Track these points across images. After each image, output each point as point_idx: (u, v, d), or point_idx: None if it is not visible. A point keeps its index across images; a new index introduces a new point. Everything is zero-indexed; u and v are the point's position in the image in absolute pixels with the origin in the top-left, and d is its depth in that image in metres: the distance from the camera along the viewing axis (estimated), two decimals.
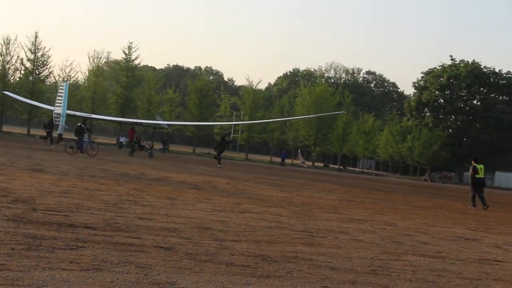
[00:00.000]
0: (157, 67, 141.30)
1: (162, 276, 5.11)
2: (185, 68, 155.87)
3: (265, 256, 6.54)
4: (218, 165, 33.62)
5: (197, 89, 67.04)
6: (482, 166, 21.48)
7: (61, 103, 29.14)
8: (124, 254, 5.85)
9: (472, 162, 21.73)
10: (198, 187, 15.81)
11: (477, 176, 21.15)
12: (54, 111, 30.13)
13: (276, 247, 7.31)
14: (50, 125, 35.70)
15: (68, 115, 31.21)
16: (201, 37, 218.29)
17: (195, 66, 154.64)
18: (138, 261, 5.58)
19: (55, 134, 34.84)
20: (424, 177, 77.19)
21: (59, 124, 29.84)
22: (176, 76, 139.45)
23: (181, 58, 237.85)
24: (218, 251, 6.54)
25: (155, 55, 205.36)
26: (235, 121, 71.54)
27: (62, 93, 29.80)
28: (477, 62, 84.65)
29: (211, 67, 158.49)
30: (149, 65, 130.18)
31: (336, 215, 12.22)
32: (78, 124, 30.32)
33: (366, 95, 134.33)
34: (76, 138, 29.03)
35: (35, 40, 58.59)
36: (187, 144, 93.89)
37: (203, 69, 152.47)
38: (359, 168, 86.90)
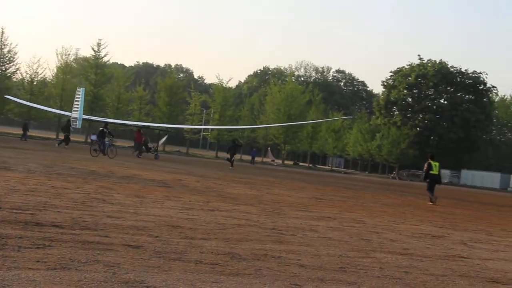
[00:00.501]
0: (127, 65, 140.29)
1: (131, 274, 5.07)
2: (155, 65, 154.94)
3: (234, 254, 6.53)
4: (231, 167, 34.81)
5: (167, 86, 66.61)
6: (437, 163, 22.26)
7: (78, 107, 31.73)
8: (92, 252, 5.79)
9: (428, 158, 22.53)
10: (168, 185, 15.73)
11: (431, 172, 21.91)
12: (72, 116, 32.46)
13: (246, 245, 7.31)
14: (67, 129, 37.56)
15: (84, 119, 34.11)
16: (171, 35, 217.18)
17: (165, 64, 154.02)
18: (106, 260, 5.53)
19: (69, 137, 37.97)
20: (392, 175, 77.98)
21: (76, 127, 33.34)
22: (146, 73, 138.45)
23: (151, 55, 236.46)
24: (187, 249, 6.51)
25: (124, 53, 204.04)
26: (204, 119, 71.41)
27: (79, 98, 32.36)
28: (444, 62, 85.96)
29: (181, 64, 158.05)
30: (119, 63, 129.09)
31: (305, 213, 12.27)
32: (100, 128, 31.80)
33: (335, 93, 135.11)
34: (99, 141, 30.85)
35: (1, 36, 57.55)
36: (156, 142, 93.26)
37: (173, 66, 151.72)
38: (329, 166, 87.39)
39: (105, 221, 7.97)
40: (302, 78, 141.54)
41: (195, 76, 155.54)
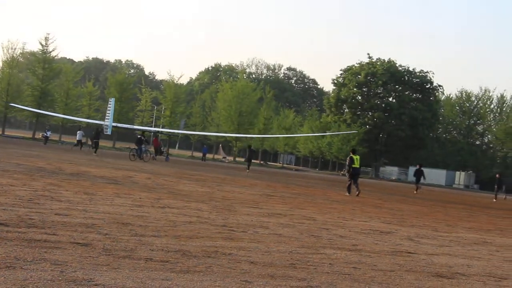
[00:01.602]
0: (76, 60, 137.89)
1: (79, 273, 4.98)
2: (105, 61, 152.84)
3: (184, 251, 6.50)
4: (247, 171, 38.56)
5: (117, 82, 65.85)
6: (358, 157, 23.54)
7: (109, 116, 36.95)
8: (38, 251, 5.67)
9: (351, 153, 23.89)
10: (118, 182, 15.54)
11: (353, 166, 23.08)
12: (104, 123, 38.02)
13: (196, 242, 7.28)
14: (97, 135, 40.57)
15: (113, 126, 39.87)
16: (121, 30, 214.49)
17: (115, 59, 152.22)
18: (54, 258, 5.42)
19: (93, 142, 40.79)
20: (342, 172, 78.75)
21: (106, 134, 39.26)
22: (96, 69, 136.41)
23: (101, 50, 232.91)
24: (137, 247, 6.45)
25: (73, 47, 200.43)
26: (155, 116, 70.76)
27: (110, 107, 37.29)
28: (393, 61, 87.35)
29: (131, 60, 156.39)
30: (67, 58, 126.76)
31: (256, 210, 12.30)
32: (138, 136, 37.27)
33: (286, 91, 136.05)
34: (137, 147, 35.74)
35: None
36: (106, 138, 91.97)
37: (123, 62, 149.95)
38: (280, 163, 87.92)
39: (52, 218, 7.81)
40: (254, 76, 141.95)
41: (146, 72, 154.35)
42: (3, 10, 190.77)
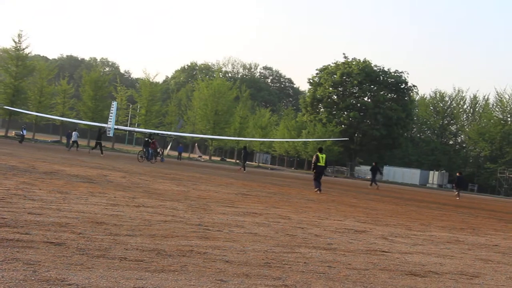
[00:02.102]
0: (50, 57, 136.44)
1: (52, 272, 4.93)
2: (79, 58, 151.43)
3: (159, 251, 6.48)
4: (244, 171, 41.79)
5: (92, 80, 65.23)
6: (324, 155, 24.54)
7: (111, 119, 39.45)
8: (11, 250, 5.60)
9: (317, 151, 24.74)
10: (92, 181, 15.41)
11: (318, 164, 24.11)
12: (107, 126, 39.86)
13: (171, 241, 7.26)
14: (99, 136, 42.24)
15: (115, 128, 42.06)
16: (96, 27, 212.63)
17: (90, 57, 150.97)
18: (26, 258, 5.36)
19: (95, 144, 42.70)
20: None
21: (109, 136, 41.05)
22: (70, 66, 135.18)
23: (76, 48, 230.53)
24: (112, 246, 6.41)
25: (47, 45, 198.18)
26: (131, 114, 70.26)
27: (112, 111, 39.72)
28: (368, 61, 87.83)
29: (107, 58, 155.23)
30: (41, 55, 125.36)
31: (231, 209, 12.30)
32: (146, 139, 39.79)
33: (262, 90, 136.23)
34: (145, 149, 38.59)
35: None
36: (82, 137, 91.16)
37: (98, 60, 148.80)
38: (256, 163, 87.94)
39: (25, 217, 7.73)
40: (230, 74, 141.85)
41: (121, 70, 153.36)
42: None
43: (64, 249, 5.97)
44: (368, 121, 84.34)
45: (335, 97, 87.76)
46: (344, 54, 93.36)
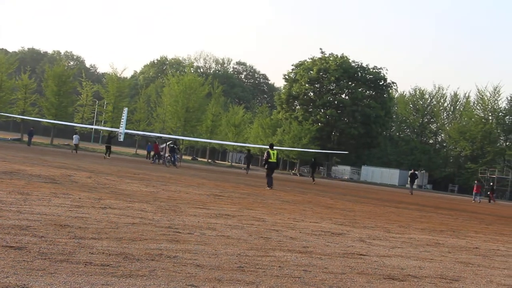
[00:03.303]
0: (10, 50, 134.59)
1: (11, 278, 4.87)
2: (42, 52, 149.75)
3: (127, 254, 6.44)
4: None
5: (55, 75, 64.48)
6: (275, 152, 25.98)
7: (122, 124, 44.02)
8: None
9: (269, 148, 26.25)
10: (56, 181, 15.25)
11: (270, 160, 25.48)
12: (118, 130, 44.66)
13: (139, 244, 7.22)
14: (109, 140, 45.18)
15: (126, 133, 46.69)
16: (60, 18, 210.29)
17: (54, 50, 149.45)
18: None
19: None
20: (293, 171, 79.51)
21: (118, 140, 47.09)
22: (32, 60, 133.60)
23: (38, 40, 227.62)
24: (76, 250, 6.35)
25: (7, 36, 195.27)
26: (97, 111, 69.64)
27: (124, 116, 44.24)
28: (346, 56, 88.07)
29: (71, 51, 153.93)
30: (0, 47, 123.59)
31: (203, 211, 12.27)
32: (171, 145, 42.93)
33: (236, 86, 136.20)
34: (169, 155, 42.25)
35: None
36: (44, 135, 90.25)
37: (62, 53, 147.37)
38: (229, 162, 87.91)
39: None
40: (202, 70, 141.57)
41: (87, 65, 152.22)
42: None
43: (24, 253, 5.90)
44: (345, 119, 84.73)
45: (312, 94, 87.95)
46: (321, 49, 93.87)
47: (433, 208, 26.55)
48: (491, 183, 52.74)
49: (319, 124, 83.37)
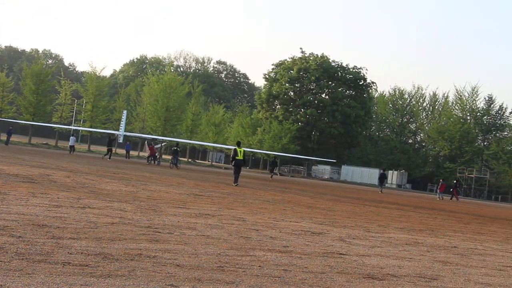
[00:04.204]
0: None
1: None
2: (19, 50, 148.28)
3: (106, 254, 6.40)
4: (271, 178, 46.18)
5: (33, 73, 63.85)
6: (242, 149, 26.94)
7: (122, 126, 47.15)
8: None
9: (236, 145, 27.26)
10: (34, 181, 15.11)
11: (237, 158, 26.53)
12: (117, 133, 46.94)
13: (119, 244, 7.18)
14: (110, 143, 46.14)
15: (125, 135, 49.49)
16: (39, 17, 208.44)
17: (32, 49, 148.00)
18: None
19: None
20: (274, 171, 79.47)
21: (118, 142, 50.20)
22: (9, 58, 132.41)
23: (15, 38, 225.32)
24: (54, 250, 6.30)
25: None
26: (76, 110, 69.12)
27: (123, 118, 47.11)
28: (326, 56, 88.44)
29: (49, 50, 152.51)
30: None
31: (183, 210, 12.24)
32: (174, 148, 45.06)
33: (216, 85, 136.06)
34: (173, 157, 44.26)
35: None
36: (22, 134, 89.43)
37: (40, 52, 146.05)
38: (209, 162, 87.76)
39: None
40: (182, 69, 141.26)
41: (66, 63, 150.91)
42: None
43: (1, 254, 5.84)
44: (326, 119, 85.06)
45: (292, 93, 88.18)
46: (301, 48, 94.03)
47: (412, 208, 26.74)
48: (455, 181, 53.15)
49: (299, 123, 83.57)
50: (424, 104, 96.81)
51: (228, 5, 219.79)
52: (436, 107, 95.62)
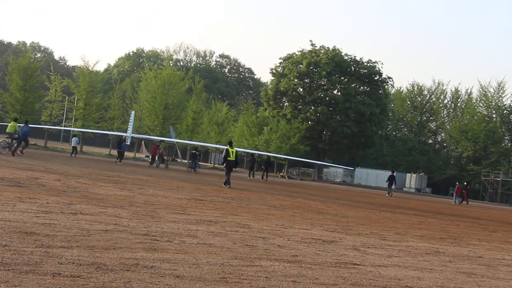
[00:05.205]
0: None
1: None
2: (5, 42, 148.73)
3: (99, 264, 6.40)
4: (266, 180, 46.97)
5: (20, 68, 64.00)
6: (234, 150, 28.03)
7: (130, 128, 49.33)
8: None
9: (228, 145, 28.22)
10: (21, 185, 15.14)
11: (229, 158, 27.51)
12: (126, 135, 48.91)
13: (113, 253, 7.18)
14: (119, 145, 47.13)
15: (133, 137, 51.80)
16: (26, 7, 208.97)
17: (19, 41, 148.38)
18: None
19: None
20: (281, 174, 79.51)
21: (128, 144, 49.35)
22: None
23: (1, 30, 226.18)
24: (43, 260, 6.30)
25: None
26: (67, 107, 69.21)
27: (131, 120, 49.71)
28: (338, 49, 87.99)
29: (38, 43, 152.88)
30: None
31: (183, 216, 12.24)
32: (193, 151, 48.81)
33: (219, 81, 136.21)
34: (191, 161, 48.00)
35: None
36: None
37: (28, 44, 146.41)
38: (211, 163, 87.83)
39: None
40: (182, 63, 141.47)
41: (56, 57, 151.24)
42: None
43: None
44: (338, 117, 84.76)
45: (301, 89, 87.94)
46: (311, 41, 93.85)
47: (432, 214, 26.68)
48: (465, 182, 52.50)
49: (309, 122, 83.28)
50: (445, 101, 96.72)
51: None
52: (459, 104, 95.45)
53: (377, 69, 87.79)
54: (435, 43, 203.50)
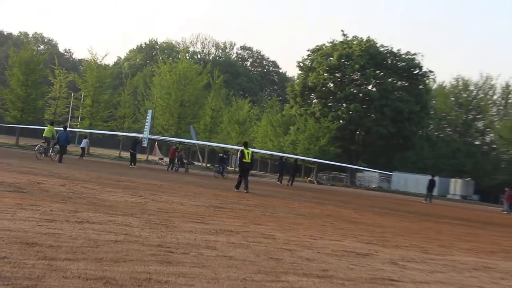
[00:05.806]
0: None
1: None
2: (5, 33, 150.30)
3: (108, 279, 6.41)
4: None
5: (22, 61, 64.57)
6: (249, 151, 28.37)
7: (146, 129, 51.26)
8: None
9: (242, 146, 28.70)
10: (22, 190, 15.24)
11: (244, 160, 27.90)
12: (142, 136, 50.54)
13: (124, 266, 7.20)
14: (134, 147, 47.27)
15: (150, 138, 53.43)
16: None
17: (20, 32, 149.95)
18: None
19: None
20: (309, 178, 79.40)
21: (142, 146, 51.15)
22: None
23: (1, 20, 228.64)
24: (46, 274, 6.32)
25: None
26: (73, 104, 69.68)
27: (148, 119, 51.61)
28: (373, 40, 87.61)
29: (41, 33, 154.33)
30: None
31: (201, 226, 12.25)
32: (220, 155, 49.79)
33: (240, 75, 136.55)
34: (217, 165, 48.81)
35: None
36: (9, 134, 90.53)
37: (30, 36, 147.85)
38: (231, 167, 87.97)
39: None
40: (199, 56, 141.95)
41: (61, 49, 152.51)
42: None
43: None
44: (372, 116, 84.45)
45: (332, 85, 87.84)
46: (342, 31, 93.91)
47: (480, 224, 26.47)
48: (506, 188, 50.37)
49: (341, 121, 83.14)
50: (495, 97, 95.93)
51: None
52: (510, 101, 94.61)
53: (416, 61, 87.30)
54: (483, 34, 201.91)
